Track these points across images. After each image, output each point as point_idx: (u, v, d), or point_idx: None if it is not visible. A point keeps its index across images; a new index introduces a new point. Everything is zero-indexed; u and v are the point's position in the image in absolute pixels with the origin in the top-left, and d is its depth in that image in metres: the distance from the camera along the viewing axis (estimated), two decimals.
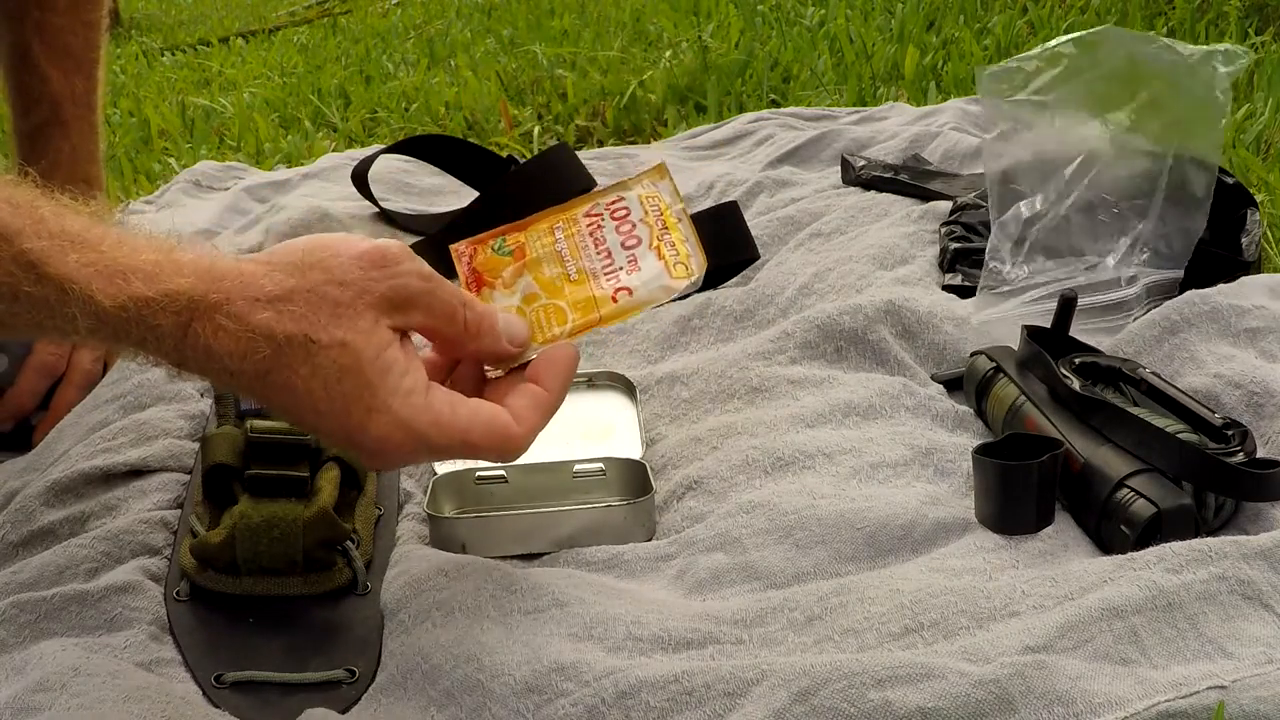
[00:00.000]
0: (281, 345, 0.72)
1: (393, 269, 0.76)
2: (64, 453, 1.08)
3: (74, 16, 1.25)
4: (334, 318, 0.74)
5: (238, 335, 0.72)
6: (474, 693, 0.79)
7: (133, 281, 0.71)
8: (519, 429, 0.80)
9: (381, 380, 0.75)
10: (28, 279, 0.69)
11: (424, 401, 0.76)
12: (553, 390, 0.82)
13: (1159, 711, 0.73)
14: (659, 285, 0.88)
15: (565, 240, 0.90)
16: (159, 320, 0.71)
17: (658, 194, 0.93)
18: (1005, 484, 0.90)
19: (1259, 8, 2.24)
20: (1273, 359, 1.03)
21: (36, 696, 0.79)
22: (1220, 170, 1.30)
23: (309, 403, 0.74)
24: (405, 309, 0.77)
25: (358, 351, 0.74)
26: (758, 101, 2.10)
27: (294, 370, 0.73)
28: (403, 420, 0.75)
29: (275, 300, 0.73)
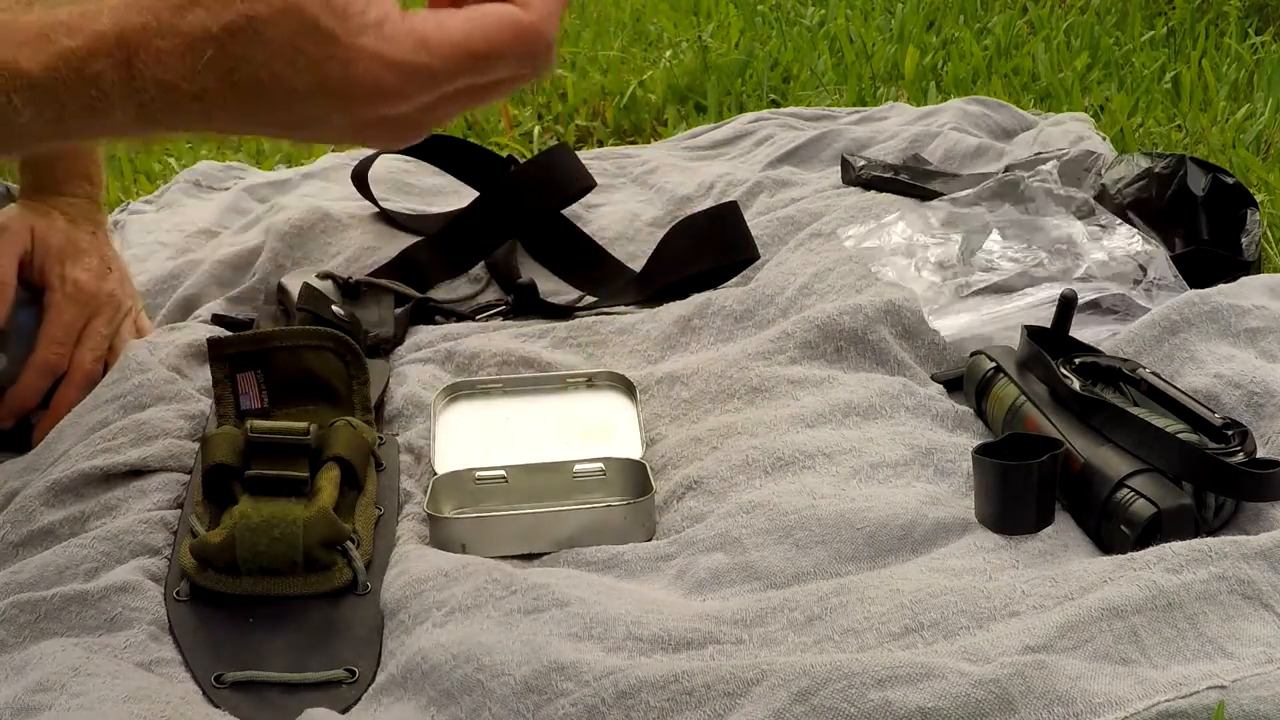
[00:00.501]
0: (223, 39, 0.65)
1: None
2: (64, 453, 1.08)
3: None
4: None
5: (178, 51, 0.65)
6: (474, 693, 0.79)
7: (56, 38, 0.66)
8: (529, 15, 0.67)
9: (341, 24, 0.65)
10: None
11: (401, 26, 0.66)
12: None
13: (1159, 711, 0.73)
14: None
15: None
16: (95, 67, 0.66)
17: None
18: (1005, 484, 0.90)
19: (1259, 8, 2.24)
20: (1273, 359, 1.03)
21: (36, 696, 0.79)
22: (1220, 170, 1.31)
23: (282, 89, 0.66)
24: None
25: (300, 8, 0.65)
26: (758, 101, 2.10)
27: (250, 59, 0.65)
28: (384, 55, 0.65)
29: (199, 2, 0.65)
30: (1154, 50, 2.10)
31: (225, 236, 1.59)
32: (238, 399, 1.05)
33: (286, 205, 1.58)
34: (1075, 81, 1.98)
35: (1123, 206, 1.31)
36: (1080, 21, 2.26)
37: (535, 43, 0.67)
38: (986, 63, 2.12)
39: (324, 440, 0.98)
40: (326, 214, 1.52)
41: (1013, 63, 2.11)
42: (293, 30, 0.65)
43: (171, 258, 1.53)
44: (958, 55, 2.18)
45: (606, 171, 1.70)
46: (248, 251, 1.48)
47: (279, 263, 1.44)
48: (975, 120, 1.73)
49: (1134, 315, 1.16)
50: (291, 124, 0.69)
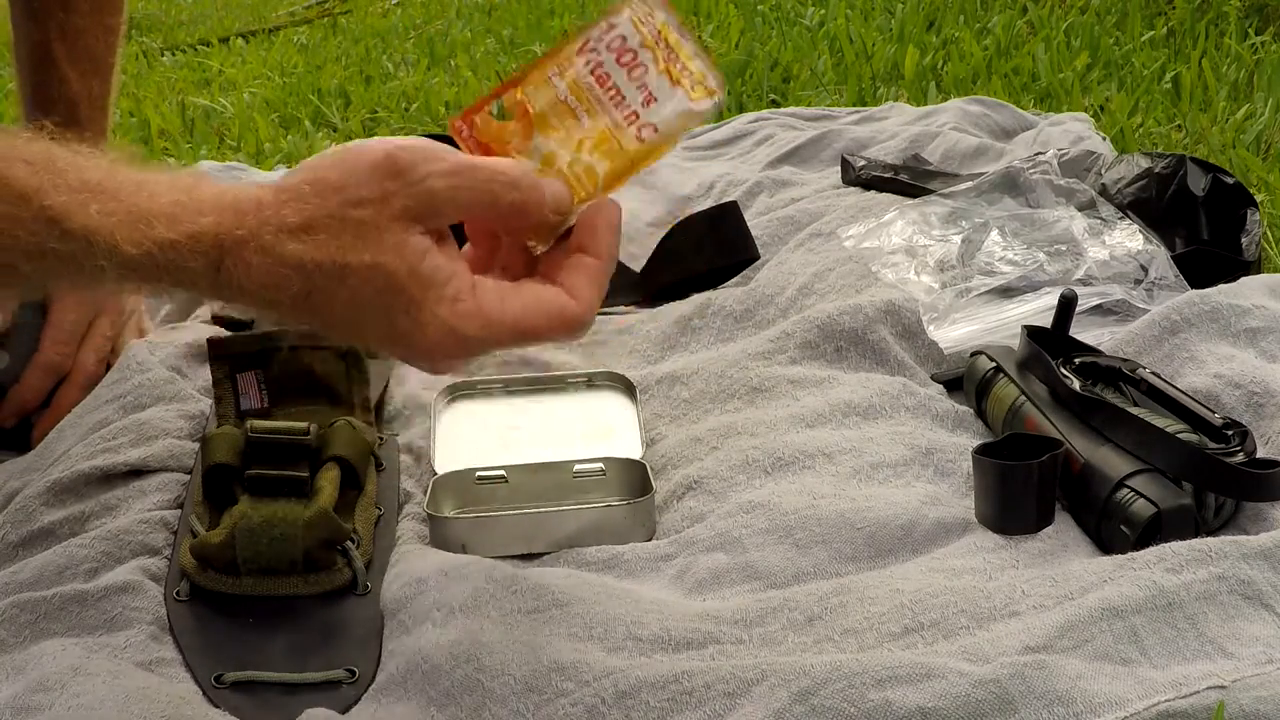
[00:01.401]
0: (314, 274, 0.71)
1: (409, 176, 0.72)
2: (64, 453, 1.08)
3: (96, 20, 1.26)
4: (360, 239, 0.71)
5: (269, 269, 0.71)
6: (474, 693, 0.79)
7: (156, 226, 0.70)
8: (576, 306, 0.76)
9: (424, 292, 0.72)
10: (52, 235, 0.69)
11: (472, 305, 0.73)
12: (602, 255, 0.78)
13: (1159, 711, 0.73)
14: (682, 112, 0.82)
15: (566, 86, 0.82)
16: (187, 262, 0.70)
17: (650, 13, 0.84)
18: (1005, 484, 0.90)
19: (1259, 8, 2.24)
20: (1273, 359, 1.03)
21: (36, 696, 0.79)
22: (1220, 170, 1.31)
23: (353, 321, 0.73)
24: (433, 215, 0.73)
25: (391, 270, 0.71)
26: (758, 101, 2.10)
27: (332, 295, 0.72)
28: (453, 327, 0.73)
29: (299, 231, 0.71)
30: (1154, 50, 2.10)
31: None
32: (238, 399, 1.05)
33: None
34: (1075, 81, 1.98)
35: (1123, 206, 1.31)
36: (1080, 21, 2.26)
37: (577, 328, 0.77)
38: (986, 63, 2.12)
39: (324, 440, 0.98)
40: None
41: (1013, 63, 2.11)
42: (378, 287, 0.72)
43: None
44: (958, 55, 2.18)
45: None
46: None
47: None
48: (975, 120, 1.73)
49: (1134, 316, 1.16)
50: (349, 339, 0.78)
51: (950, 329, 1.19)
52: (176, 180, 0.73)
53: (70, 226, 0.69)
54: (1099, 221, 1.29)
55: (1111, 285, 1.20)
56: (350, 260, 0.71)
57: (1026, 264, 1.25)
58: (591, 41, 0.83)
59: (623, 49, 0.83)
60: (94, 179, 0.71)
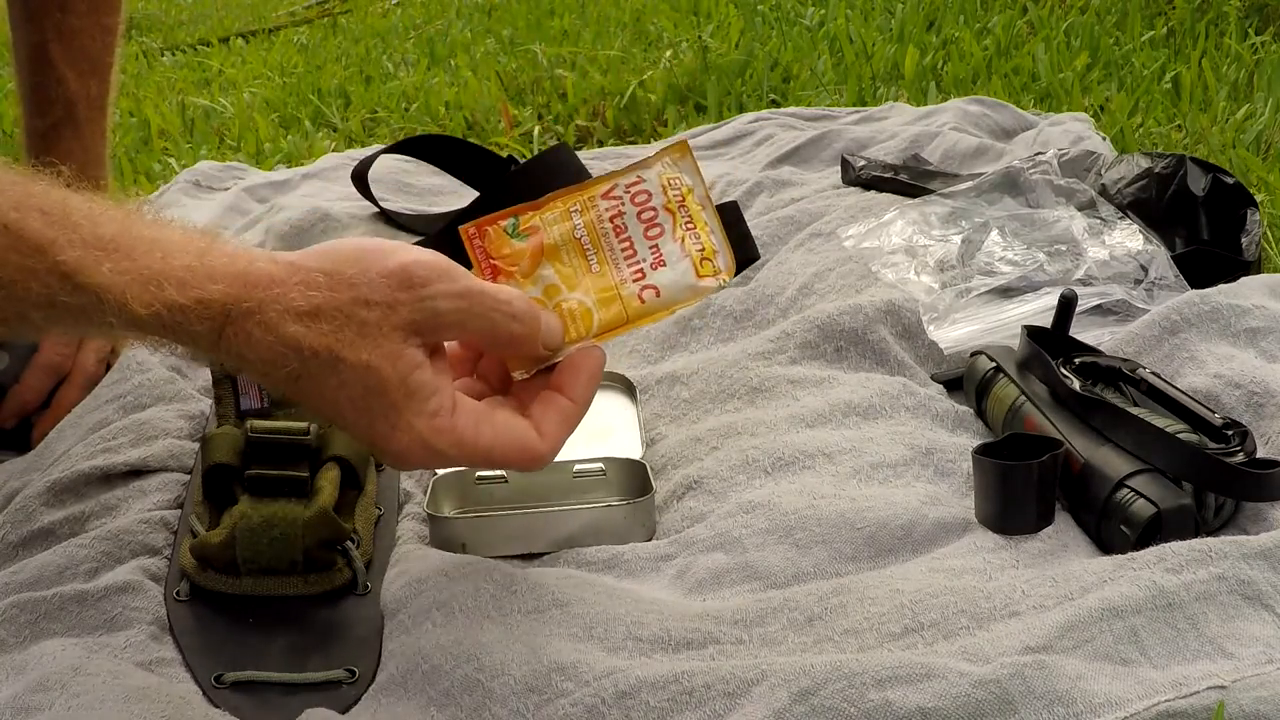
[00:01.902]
0: (309, 359, 0.74)
1: (420, 291, 0.76)
2: (64, 453, 1.08)
3: (93, 20, 1.26)
4: (360, 338, 0.75)
5: (269, 345, 0.73)
6: (474, 693, 0.79)
7: (166, 289, 0.72)
8: (543, 445, 0.81)
9: (406, 403, 0.76)
10: (64, 289, 0.71)
11: (448, 423, 0.77)
12: (578, 400, 0.83)
13: (1159, 711, 0.73)
14: (686, 285, 0.85)
15: (584, 225, 0.86)
16: (193, 325, 0.73)
17: (679, 176, 0.88)
18: (1005, 484, 0.90)
19: (1259, 8, 2.24)
20: (1273, 359, 1.03)
21: (36, 696, 0.79)
22: (1220, 170, 1.31)
23: (335, 410, 0.76)
24: (434, 330, 0.78)
25: (383, 376, 0.75)
26: (758, 101, 2.10)
27: (323, 381, 0.75)
28: (425, 440, 0.77)
29: (304, 316, 0.74)
30: (1154, 50, 2.10)
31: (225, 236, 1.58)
32: (238, 399, 1.05)
33: (286, 205, 1.58)
34: (1075, 81, 1.98)
35: (1123, 206, 1.31)
36: (1080, 21, 2.26)
37: (537, 463, 0.82)
38: (986, 63, 2.12)
39: (324, 440, 0.98)
40: (326, 214, 1.52)
41: (1013, 63, 2.11)
42: (365, 385, 0.75)
43: None
44: (958, 55, 2.18)
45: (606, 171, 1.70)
46: None
47: None
48: (975, 120, 1.73)
49: (1134, 316, 1.16)
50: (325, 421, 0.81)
51: (950, 329, 1.19)
52: (189, 241, 0.75)
53: (82, 282, 0.71)
54: (1099, 221, 1.29)
55: (1111, 285, 1.20)
56: (347, 355, 0.74)
57: (1026, 264, 1.25)
58: (618, 188, 0.86)
59: (645, 205, 0.86)
60: (108, 235, 0.73)
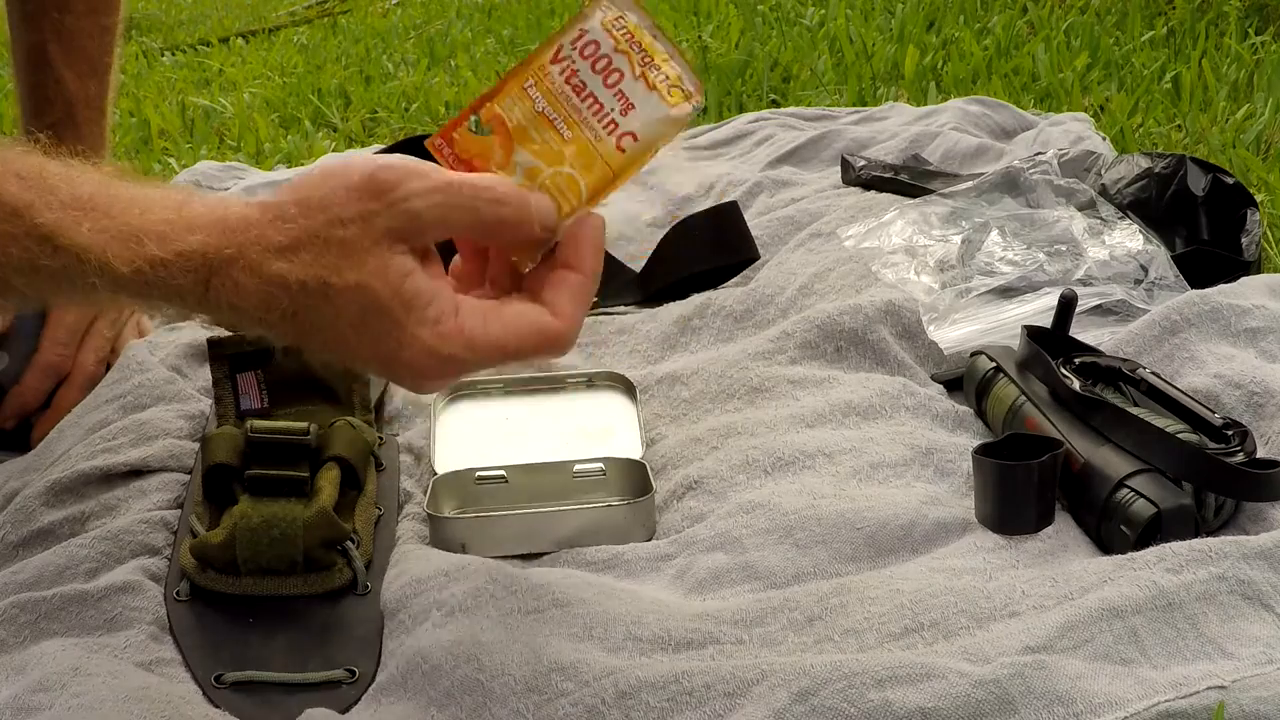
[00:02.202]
0: (298, 293, 0.72)
1: (392, 195, 0.73)
2: (64, 453, 1.08)
3: (91, 20, 1.26)
4: (344, 258, 0.72)
5: (256, 289, 0.72)
6: (474, 693, 0.79)
7: (146, 244, 0.71)
8: (559, 323, 0.77)
9: (406, 314, 0.73)
10: (44, 252, 0.70)
11: (454, 325, 0.74)
12: (585, 271, 0.79)
13: (1159, 711, 0.73)
14: (660, 119, 0.81)
15: (542, 97, 0.82)
16: (177, 280, 0.71)
17: (621, 15, 0.83)
18: (1005, 484, 0.90)
19: (1259, 8, 2.24)
20: (1273, 359, 1.03)
21: (36, 696, 0.79)
22: (1220, 170, 1.31)
23: (338, 339, 0.74)
24: (417, 233, 0.74)
25: (374, 291, 0.72)
26: (758, 101, 2.10)
27: (318, 313, 0.73)
28: (434, 349, 0.74)
29: (285, 250, 0.72)
30: (1154, 50, 2.10)
31: None
32: (238, 399, 1.05)
33: None
34: (1075, 81, 1.98)
35: (1123, 206, 1.31)
36: (1080, 21, 2.26)
37: (559, 345, 0.77)
38: (986, 63, 2.12)
39: (324, 440, 0.98)
40: None
41: (1013, 63, 2.11)
42: (363, 305, 0.72)
43: None
44: (958, 55, 2.18)
45: None
46: None
47: None
48: (975, 120, 1.73)
49: (1134, 316, 1.16)
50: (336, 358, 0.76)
51: (950, 329, 1.19)
52: (167, 196, 0.74)
53: (62, 244, 0.70)
54: (1099, 221, 1.29)
55: (1111, 285, 1.20)
56: (334, 280, 0.72)
57: (1026, 264, 1.25)
58: (564, 49, 0.82)
59: (596, 55, 0.82)
60: (85, 194, 0.72)
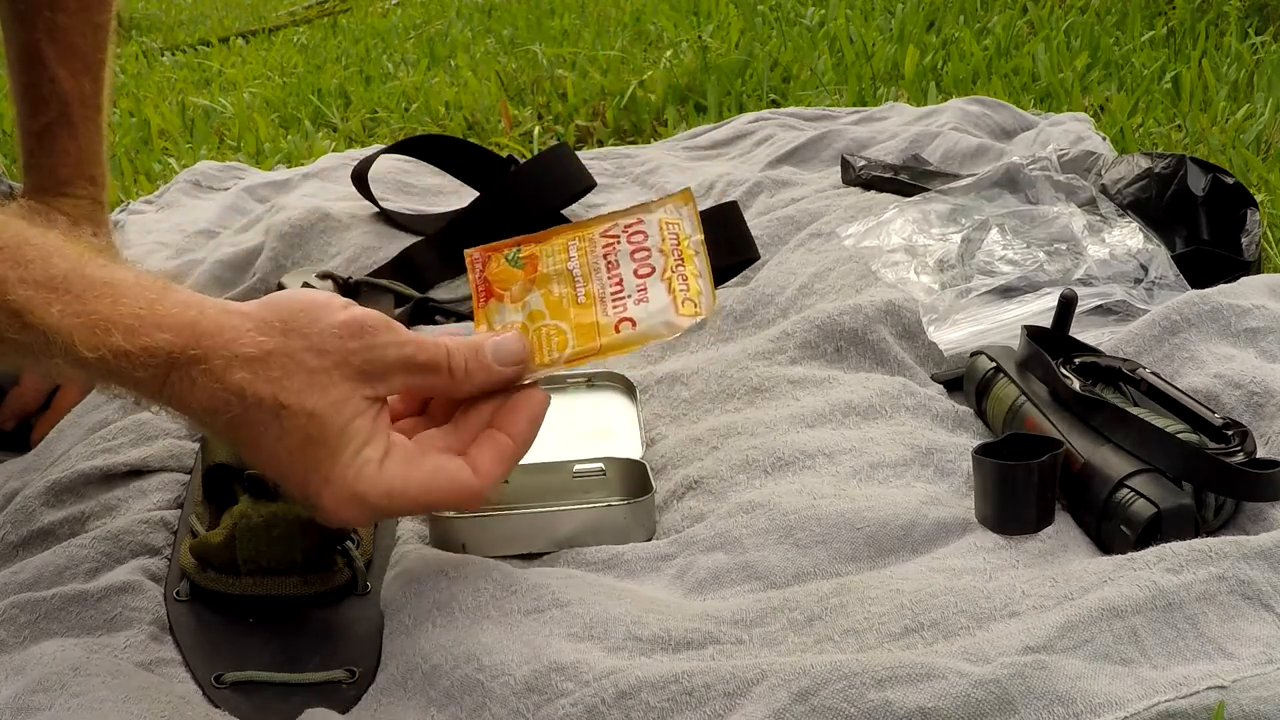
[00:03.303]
0: (252, 405, 0.75)
1: (369, 339, 0.78)
2: (64, 453, 1.08)
3: (84, 18, 1.26)
4: (308, 386, 0.76)
5: (212, 391, 0.75)
6: (474, 693, 0.79)
7: (113, 334, 0.73)
8: (478, 483, 0.81)
9: (342, 449, 0.77)
10: (12, 327, 0.72)
11: (379, 474, 0.78)
12: (517, 439, 0.84)
13: (1159, 711, 0.73)
14: (663, 320, 0.86)
15: (579, 259, 0.89)
16: (137, 372, 0.74)
17: (679, 221, 0.90)
18: (1005, 484, 0.90)
19: (1259, 8, 2.24)
20: (1273, 359, 1.03)
21: (36, 696, 0.79)
22: (1220, 170, 1.31)
23: (272, 460, 0.78)
24: (383, 378, 0.79)
25: (324, 422, 0.76)
26: (758, 101, 2.10)
27: (263, 428, 0.76)
28: (356, 494, 0.78)
29: (251, 362, 0.75)
30: (1154, 50, 2.10)
31: (225, 236, 1.59)
32: None
33: (286, 205, 1.58)
34: (1075, 81, 1.98)
35: (1123, 207, 1.31)
36: (1080, 21, 2.26)
37: (474, 503, 0.82)
38: (986, 63, 2.12)
39: None
40: (326, 214, 1.52)
41: (1013, 63, 2.11)
42: (307, 434, 0.76)
43: (171, 258, 1.53)
44: (958, 55, 2.18)
45: (606, 171, 1.70)
46: (248, 251, 1.48)
47: (279, 263, 1.44)
48: (975, 120, 1.73)
49: (1134, 316, 1.16)
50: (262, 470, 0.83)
51: (950, 329, 1.19)
52: (142, 286, 0.76)
53: (31, 321, 0.72)
54: (1099, 219, 1.29)
55: (1111, 285, 1.20)
56: (291, 402, 0.76)
57: (1026, 264, 1.25)
58: (617, 227, 0.89)
59: (640, 245, 0.89)
60: (60, 274, 0.74)
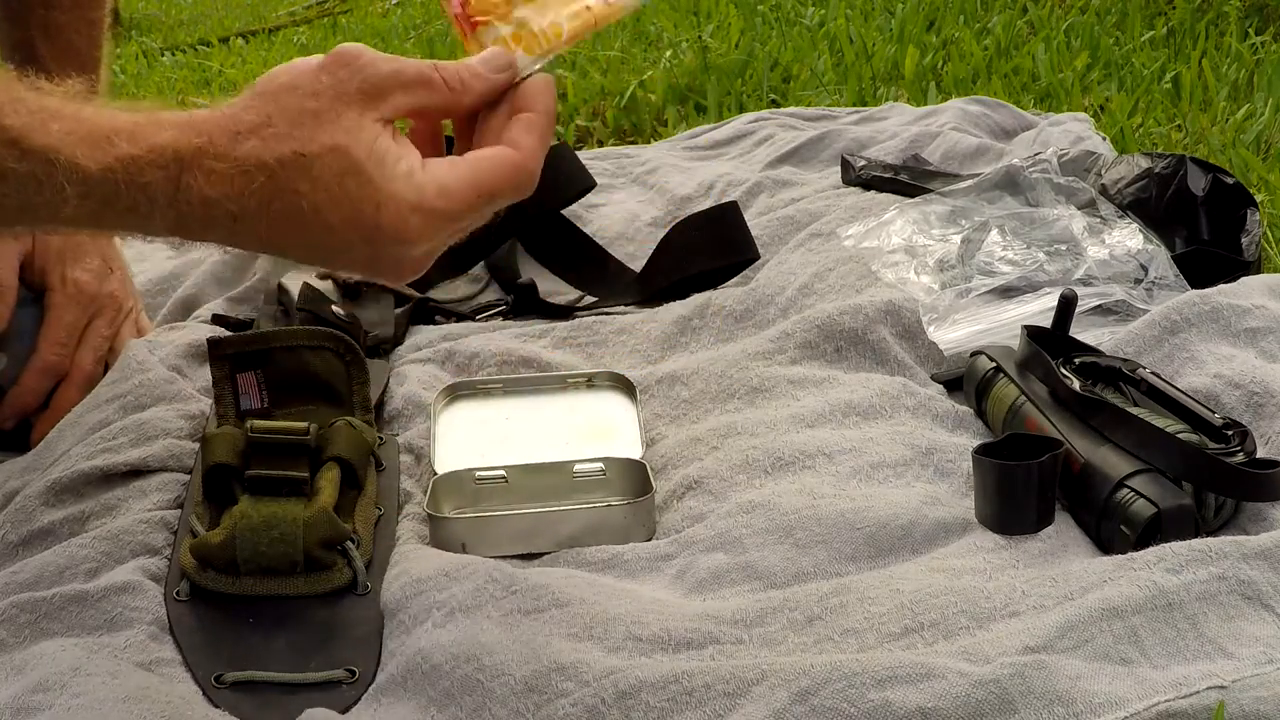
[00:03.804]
0: (274, 169, 0.72)
1: (356, 64, 0.76)
2: (64, 453, 1.08)
3: (77, 15, 1.26)
4: (318, 126, 0.74)
5: (229, 174, 0.72)
6: (474, 693, 0.79)
7: (117, 142, 0.71)
8: (520, 155, 0.78)
9: (379, 171, 0.74)
10: (11, 155, 0.70)
11: (425, 176, 0.75)
12: (541, 110, 0.80)
13: (1159, 711, 0.73)
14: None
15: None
16: (148, 177, 0.71)
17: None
18: (1005, 484, 0.90)
19: (1259, 8, 2.24)
20: (1273, 359, 1.03)
21: (36, 696, 0.79)
22: (1220, 170, 1.31)
23: (318, 221, 0.74)
24: (383, 95, 0.76)
25: (349, 150, 0.73)
26: (758, 101, 2.10)
27: (295, 190, 0.73)
28: (412, 202, 0.75)
29: (256, 128, 0.73)
30: (1154, 50, 2.10)
31: None
32: (238, 399, 1.05)
33: None
34: (1075, 81, 1.98)
35: (1123, 207, 1.31)
36: (1080, 21, 2.26)
37: (527, 176, 0.79)
38: (986, 63, 2.12)
39: (324, 440, 0.98)
40: None
41: (1013, 63, 2.11)
42: (339, 169, 0.73)
43: (171, 257, 1.52)
44: (958, 55, 2.18)
45: (606, 171, 1.70)
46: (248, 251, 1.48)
47: (279, 262, 1.44)
48: (975, 120, 1.73)
49: (1134, 316, 1.16)
50: (315, 251, 0.76)
51: (950, 329, 1.19)
52: (135, 106, 0.74)
53: (30, 145, 0.70)
54: (1099, 220, 1.29)
55: (1111, 285, 1.20)
56: (309, 149, 0.73)
57: (1026, 264, 1.25)
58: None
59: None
60: (53, 103, 0.72)
